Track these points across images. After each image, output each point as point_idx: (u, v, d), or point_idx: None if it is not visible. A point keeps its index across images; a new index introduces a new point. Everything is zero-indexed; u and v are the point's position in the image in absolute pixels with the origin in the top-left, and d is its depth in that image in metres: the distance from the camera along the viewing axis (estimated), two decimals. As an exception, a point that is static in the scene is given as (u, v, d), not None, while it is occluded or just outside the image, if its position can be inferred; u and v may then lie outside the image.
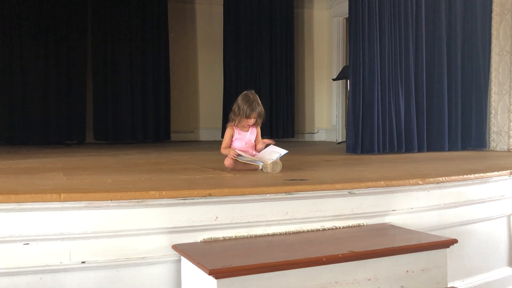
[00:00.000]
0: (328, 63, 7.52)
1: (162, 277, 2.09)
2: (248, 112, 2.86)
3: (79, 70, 6.74)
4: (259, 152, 2.95)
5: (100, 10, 6.86)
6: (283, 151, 2.86)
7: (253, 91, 2.97)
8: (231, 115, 2.95)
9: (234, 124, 2.94)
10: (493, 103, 4.90)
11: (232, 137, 2.95)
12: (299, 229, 2.30)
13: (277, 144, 2.99)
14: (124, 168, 3.20)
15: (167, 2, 7.19)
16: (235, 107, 2.92)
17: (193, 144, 6.67)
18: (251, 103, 2.88)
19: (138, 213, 2.03)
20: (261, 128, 3.06)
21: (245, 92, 2.97)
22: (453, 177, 2.69)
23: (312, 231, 2.32)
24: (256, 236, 2.21)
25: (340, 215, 2.39)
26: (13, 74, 6.46)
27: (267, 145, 2.94)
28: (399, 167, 3.30)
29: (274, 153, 2.88)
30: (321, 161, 3.89)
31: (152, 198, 2.03)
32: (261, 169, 2.87)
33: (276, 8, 7.38)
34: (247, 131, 2.96)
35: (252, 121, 2.90)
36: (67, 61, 6.68)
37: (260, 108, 2.90)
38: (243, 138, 2.95)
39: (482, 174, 2.83)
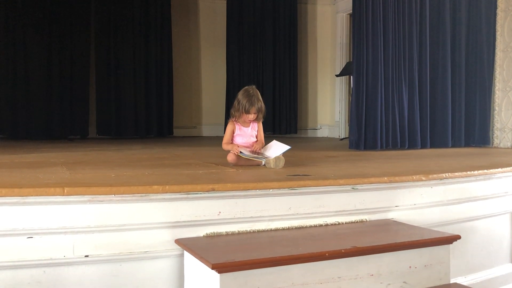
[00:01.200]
0: (331, 59, 7.50)
1: (165, 272, 2.09)
2: (247, 107, 2.85)
3: (82, 65, 6.75)
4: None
5: (103, 5, 6.85)
6: (286, 147, 2.86)
7: (254, 86, 2.96)
8: (232, 111, 2.94)
9: (235, 120, 2.94)
10: (497, 100, 4.89)
11: (233, 133, 2.95)
12: (302, 225, 2.30)
13: (280, 140, 2.99)
14: (127, 163, 3.20)
15: (170, -3, 7.18)
16: (235, 102, 2.92)
17: (196, 139, 6.67)
18: (251, 98, 2.87)
19: (141, 208, 2.03)
20: (263, 124, 3.06)
21: (245, 87, 2.96)
22: (456, 174, 2.69)
23: (315, 226, 2.32)
24: (259, 231, 2.21)
25: (343, 211, 2.39)
26: (16, 69, 6.47)
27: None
28: (402, 163, 3.30)
29: (277, 148, 2.88)
30: (324, 157, 3.88)
31: (155, 193, 2.03)
32: (264, 165, 2.87)
33: (279, 4, 7.35)
34: (248, 126, 2.96)
35: (252, 116, 2.89)
36: (70, 55, 6.68)
37: (260, 103, 2.89)
38: (245, 134, 2.95)
39: (485, 171, 2.82)
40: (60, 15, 6.61)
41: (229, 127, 2.95)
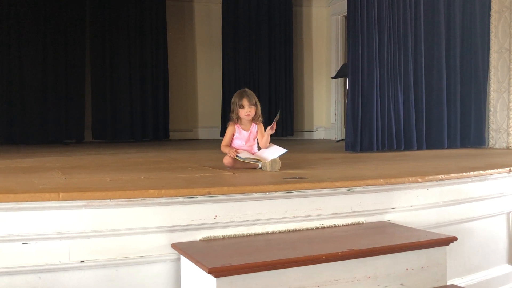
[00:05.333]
0: (327, 61, 7.51)
1: (161, 276, 2.09)
2: (237, 101, 2.89)
3: (77, 68, 6.74)
4: (262, 147, 2.96)
5: (98, 9, 6.85)
6: (282, 150, 2.86)
7: (246, 89, 3.01)
8: (230, 115, 2.96)
9: (236, 123, 2.95)
10: (492, 101, 4.90)
11: (233, 135, 2.96)
12: (299, 227, 2.30)
13: (276, 142, 2.99)
14: (123, 167, 3.19)
15: (165, 1, 7.18)
16: (231, 106, 2.94)
17: (192, 142, 6.67)
18: (241, 93, 2.93)
19: (137, 212, 2.02)
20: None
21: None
22: (452, 175, 2.69)
23: (312, 229, 2.32)
24: (255, 235, 2.20)
25: (340, 213, 2.39)
26: (11, 73, 6.45)
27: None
28: (398, 165, 3.30)
29: (273, 151, 2.88)
30: (320, 159, 3.88)
31: (151, 197, 2.03)
32: (260, 168, 2.87)
33: (274, 6, 7.37)
34: (248, 130, 2.96)
35: (247, 109, 2.89)
36: (65, 59, 6.67)
37: (253, 99, 2.91)
38: (243, 138, 2.95)
39: (481, 172, 2.83)
40: (55, 20, 6.59)
41: (229, 129, 2.96)
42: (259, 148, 3.02)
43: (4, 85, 6.43)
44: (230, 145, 2.96)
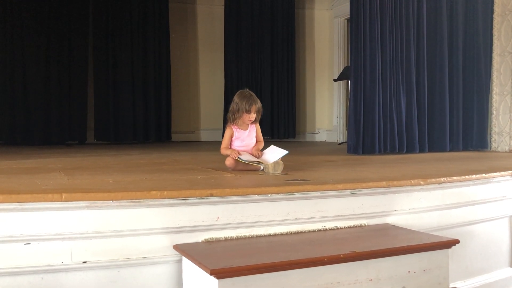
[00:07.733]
0: (329, 63, 7.52)
1: (163, 277, 2.09)
2: (247, 107, 2.88)
3: (80, 70, 6.75)
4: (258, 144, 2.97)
5: (101, 11, 6.87)
6: (284, 151, 2.86)
7: (248, 89, 3.00)
8: (229, 115, 2.96)
9: (232, 124, 2.95)
10: (494, 104, 4.90)
11: (232, 137, 2.96)
12: (301, 229, 2.30)
13: (278, 144, 2.99)
14: (125, 168, 3.19)
15: (168, 3, 7.20)
16: (233, 106, 2.95)
17: (194, 144, 6.67)
18: (249, 97, 2.92)
19: (139, 213, 2.03)
20: (261, 128, 3.07)
21: (239, 91, 3.00)
22: (454, 178, 2.69)
23: (314, 231, 2.32)
24: (257, 236, 2.20)
25: (342, 216, 2.39)
26: (14, 74, 6.48)
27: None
28: (401, 168, 3.30)
29: (275, 153, 2.88)
30: (322, 161, 3.88)
31: (153, 198, 2.03)
32: (262, 169, 2.87)
33: (277, 9, 7.38)
34: (246, 129, 2.96)
35: (253, 115, 2.90)
36: (68, 61, 6.69)
37: (259, 102, 2.93)
38: (243, 137, 2.96)
39: (483, 175, 2.83)
40: (58, 22, 6.61)
41: (227, 131, 2.97)
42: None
43: (7, 86, 6.45)
44: (229, 147, 2.96)
